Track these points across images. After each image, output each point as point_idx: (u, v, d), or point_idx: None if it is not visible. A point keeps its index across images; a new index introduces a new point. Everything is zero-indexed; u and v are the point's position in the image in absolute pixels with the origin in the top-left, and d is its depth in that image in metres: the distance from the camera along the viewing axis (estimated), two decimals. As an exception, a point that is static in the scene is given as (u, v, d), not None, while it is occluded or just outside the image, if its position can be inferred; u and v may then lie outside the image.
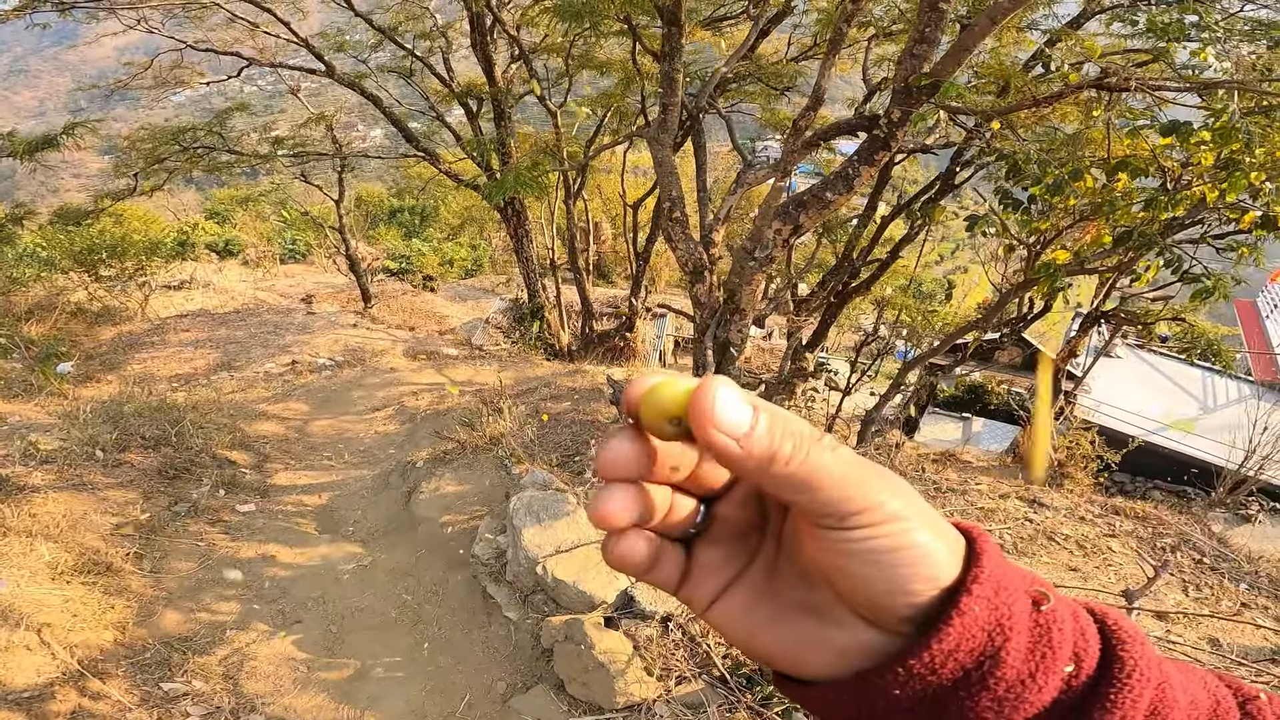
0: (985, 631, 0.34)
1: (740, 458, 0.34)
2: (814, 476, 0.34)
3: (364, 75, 10.05)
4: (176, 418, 5.66)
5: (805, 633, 0.39)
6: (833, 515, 0.34)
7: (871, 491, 0.35)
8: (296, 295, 14.39)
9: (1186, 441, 10.69)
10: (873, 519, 0.34)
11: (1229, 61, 2.51)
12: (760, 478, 0.35)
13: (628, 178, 13.56)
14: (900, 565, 0.35)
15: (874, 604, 0.36)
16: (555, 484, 4.39)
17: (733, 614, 0.41)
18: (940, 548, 0.36)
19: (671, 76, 5.76)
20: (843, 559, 0.35)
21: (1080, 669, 0.36)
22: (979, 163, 6.41)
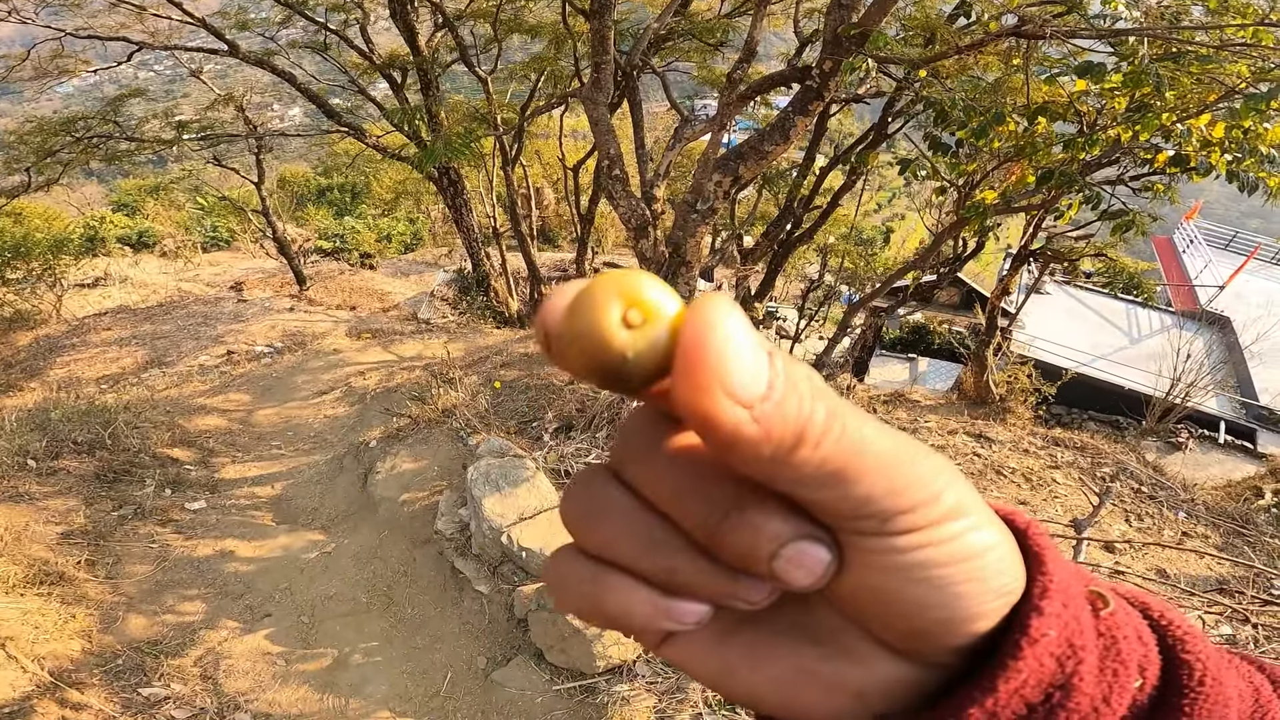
0: (1055, 659, 0.26)
1: (754, 440, 0.22)
2: (854, 462, 0.23)
3: (274, 53, 9.42)
4: (108, 420, 5.43)
5: (802, 667, 0.28)
6: (874, 516, 0.24)
7: (926, 479, 0.24)
8: (224, 284, 13.75)
9: (1115, 372, 11.34)
10: (927, 518, 0.24)
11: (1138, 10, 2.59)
12: (772, 469, 0.23)
13: (566, 142, 13.26)
14: (964, 581, 0.25)
15: (921, 633, 0.26)
16: (513, 450, 4.31)
17: (699, 648, 0.29)
18: (1009, 553, 0.27)
19: (602, 34, 5.60)
20: (881, 576, 0.25)
21: (1145, 680, 0.29)
22: (909, 112, 6.51)
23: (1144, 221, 3.34)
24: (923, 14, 6.08)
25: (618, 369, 0.23)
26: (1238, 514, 5.19)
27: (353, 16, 9.70)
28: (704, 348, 0.22)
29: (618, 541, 0.26)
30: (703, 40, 8.94)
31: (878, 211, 14.96)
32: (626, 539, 0.26)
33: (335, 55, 10.34)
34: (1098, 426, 10.20)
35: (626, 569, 0.27)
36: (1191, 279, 15.06)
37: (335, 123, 9.35)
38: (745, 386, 0.22)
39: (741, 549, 0.25)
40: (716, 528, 0.25)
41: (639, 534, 0.26)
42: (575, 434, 4.86)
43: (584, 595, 0.27)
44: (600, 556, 0.27)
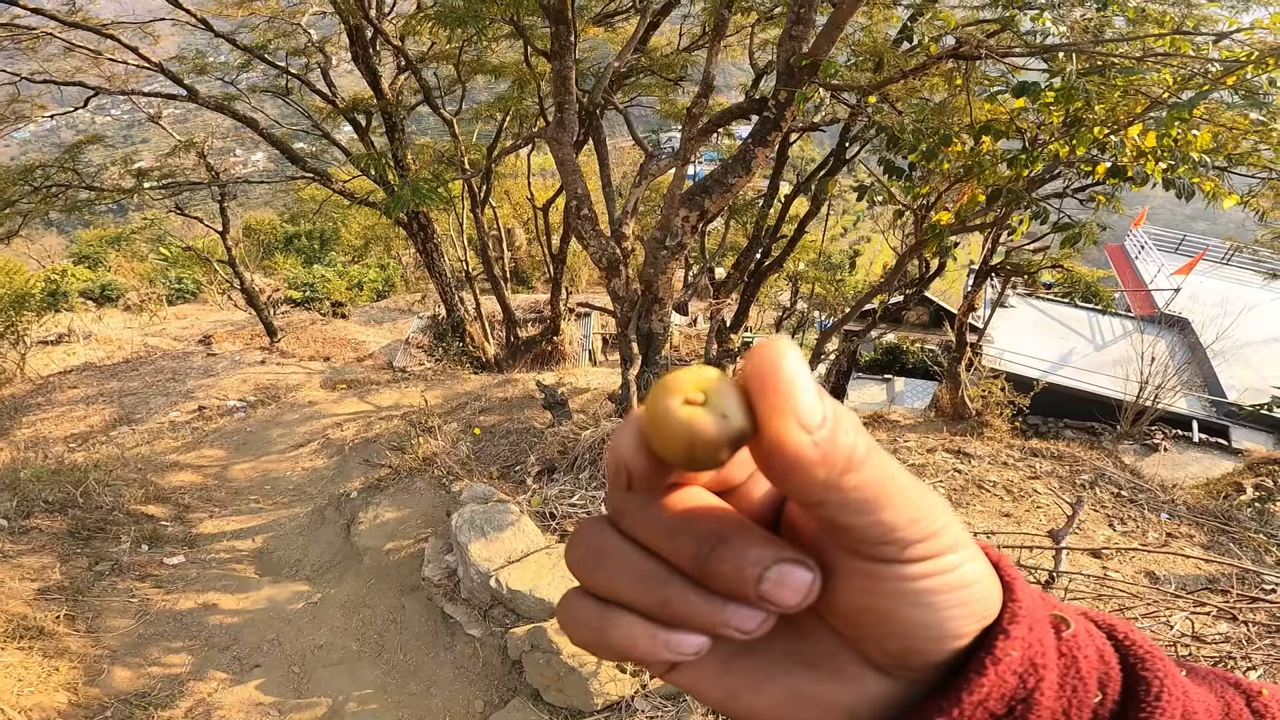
0: (1018, 675, 0.30)
1: (812, 463, 0.25)
2: (884, 490, 0.26)
3: (234, 97, 9.47)
4: (79, 479, 5.46)
5: (798, 690, 0.32)
6: (895, 543, 0.27)
7: (935, 514, 0.28)
8: (192, 338, 13.54)
9: (1084, 379, 11.58)
10: (935, 549, 0.28)
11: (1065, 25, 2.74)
12: (822, 493, 0.26)
13: (535, 180, 13.43)
14: (955, 606, 0.29)
15: (911, 651, 0.30)
16: (496, 495, 4.34)
17: (703, 676, 0.32)
18: (991, 583, 0.31)
19: (564, 75, 5.72)
20: (889, 600, 0.28)
21: (1106, 695, 0.32)
22: (865, 138, 6.71)
23: (1094, 231, 3.46)
24: (870, 39, 6.32)
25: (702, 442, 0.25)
26: (1220, 512, 5.24)
27: (314, 61, 9.76)
28: (777, 377, 0.25)
29: (616, 580, 0.30)
30: (663, 76, 9.17)
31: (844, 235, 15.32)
32: (623, 577, 0.30)
33: (298, 99, 10.37)
34: (1074, 434, 10.33)
35: (627, 605, 0.30)
36: (1146, 283, 15.55)
37: (300, 168, 9.31)
38: (809, 413, 0.25)
39: (729, 575, 0.28)
40: (706, 559, 0.28)
41: (634, 572, 0.30)
42: (558, 476, 4.88)
43: (592, 630, 0.31)
44: (604, 596, 0.31)
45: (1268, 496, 6.11)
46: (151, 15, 8.79)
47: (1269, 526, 5.05)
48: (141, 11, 9.06)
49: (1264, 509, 5.44)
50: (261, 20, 9.12)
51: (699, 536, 0.29)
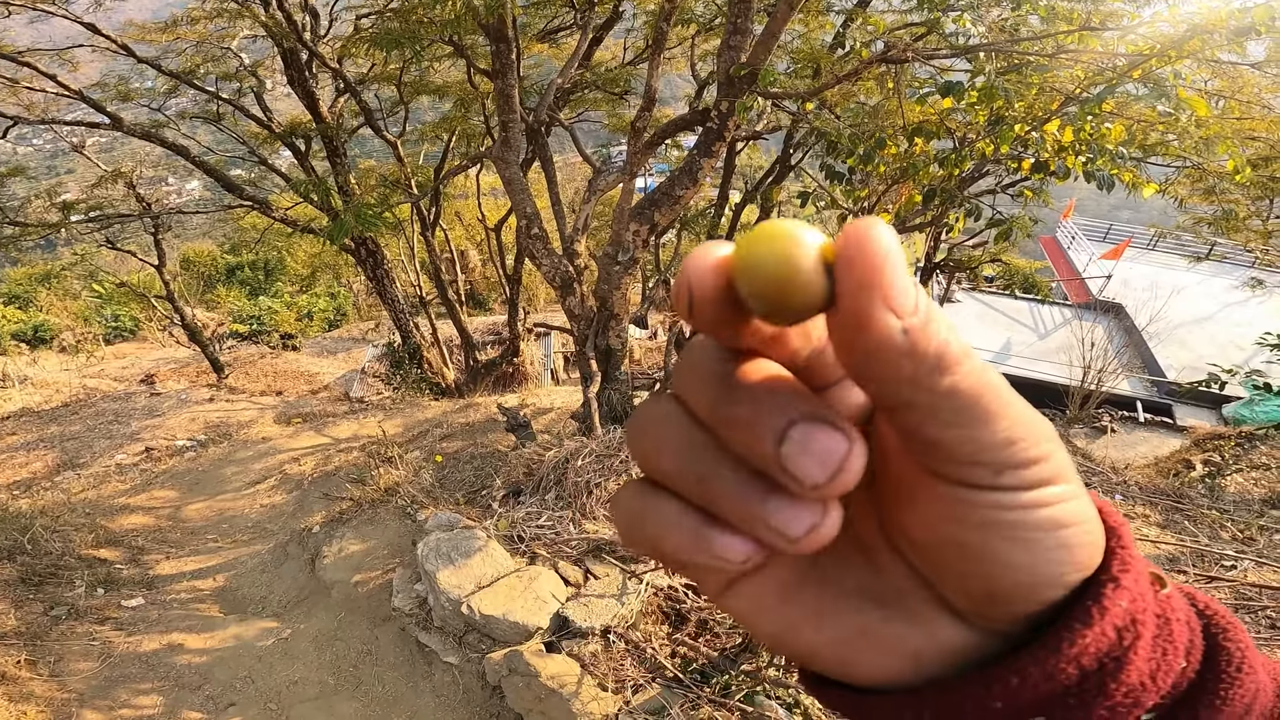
0: (1117, 630, 0.27)
1: (901, 351, 0.22)
2: (984, 398, 0.23)
3: (162, 124, 9.11)
4: (25, 525, 5.33)
5: (863, 628, 0.28)
6: (990, 465, 0.24)
7: (1043, 437, 0.24)
8: (134, 378, 12.98)
9: (1031, 367, 12.01)
10: (1041, 476, 0.24)
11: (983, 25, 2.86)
12: (913, 393, 0.23)
13: (486, 200, 13.33)
14: (1061, 548, 0.25)
15: (996, 595, 0.26)
16: (462, 522, 4.32)
17: (763, 601, 0.29)
18: (1096, 529, 0.27)
19: (507, 94, 5.71)
20: (985, 533, 0.25)
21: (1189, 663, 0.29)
22: (806, 143, 6.87)
23: (1026, 225, 3.60)
24: (808, 46, 6.49)
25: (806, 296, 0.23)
26: (1172, 490, 5.45)
27: (246, 85, 9.50)
28: (869, 249, 0.22)
29: (659, 450, 0.26)
30: (608, 90, 9.23)
31: (796, 241, 15.65)
32: (666, 446, 0.26)
33: (231, 124, 10.06)
34: (1026, 422, 10.65)
35: (670, 486, 0.26)
36: (1080, 272, 16.27)
37: (237, 196, 9.02)
38: (899, 296, 0.22)
39: (743, 427, 0.24)
40: (719, 400, 0.25)
41: (676, 440, 0.26)
42: (525, 498, 4.87)
43: (631, 515, 0.27)
44: (649, 474, 0.27)
45: (1217, 471, 6.40)
46: (70, 41, 8.44)
47: (1220, 502, 5.27)
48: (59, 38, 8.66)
49: (1214, 485, 5.67)
50: (189, 45, 8.86)
51: (725, 383, 0.25)
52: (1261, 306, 14.38)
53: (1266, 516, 4.85)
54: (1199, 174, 6.64)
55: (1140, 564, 0.28)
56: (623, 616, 3.42)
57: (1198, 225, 11.60)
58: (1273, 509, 5.12)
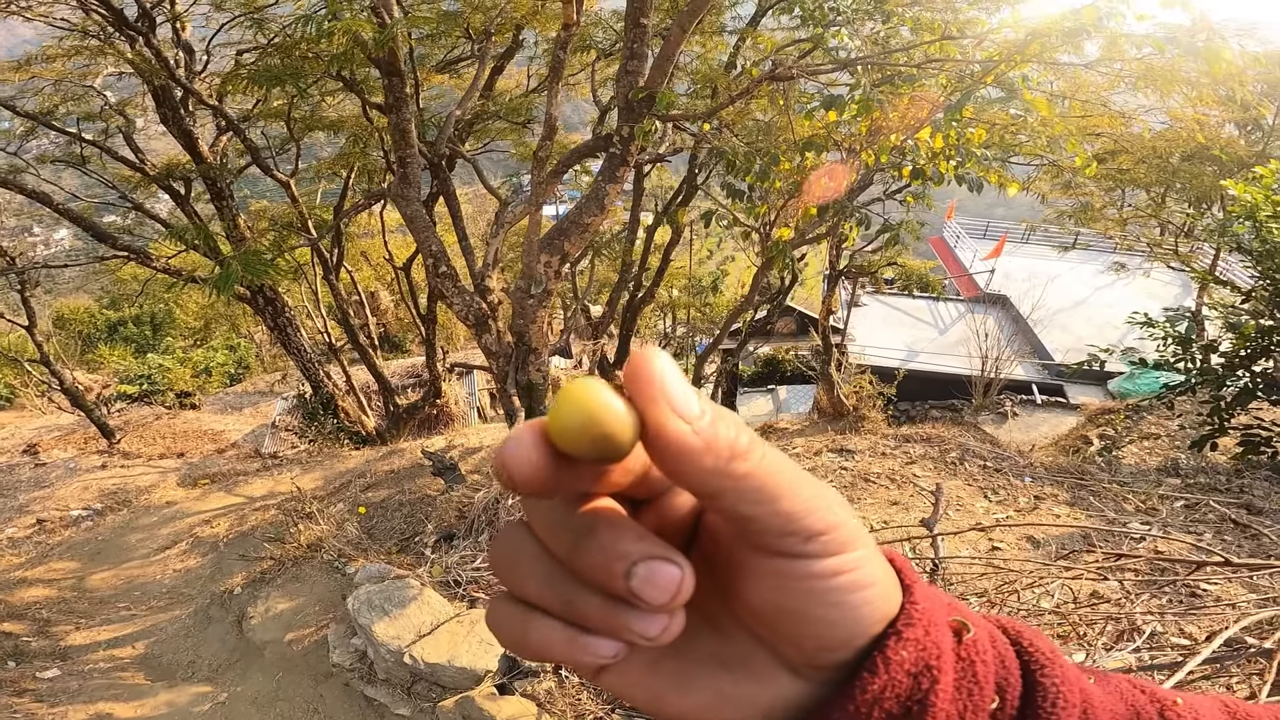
0: (911, 676, 0.30)
1: (699, 450, 0.26)
2: (778, 478, 0.28)
3: (20, 169, 8.39)
4: None
5: (720, 691, 0.32)
6: (798, 534, 0.28)
7: (834, 506, 0.29)
8: (15, 448, 11.82)
9: (936, 362, 12.71)
10: (838, 543, 0.29)
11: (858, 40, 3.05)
12: (718, 481, 0.27)
13: (393, 237, 12.95)
14: (864, 605, 0.30)
15: (821, 649, 0.31)
16: (393, 572, 4.23)
17: (631, 679, 0.33)
18: (892, 583, 0.32)
19: (403, 129, 5.58)
20: (801, 599, 0.29)
21: (1005, 700, 0.33)
22: (709, 164, 7.08)
23: (914, 228, 3.82)
24: (705, 67, 6.70)
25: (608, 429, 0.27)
26: (1074, 468, 5.79)
27: (113, 124, 8.86)
28: (647, 372, 0.27)
29: (526, 581, 0.31)
30: (511, 120, 9.20)
31: (710, 258, 16.02)
32: (531, 579, 0.30)
33: (99, 167, 9.34)
34: (939, 414, 11.23)
35: (540, 607, 0.30)
36: (967, 268, 17.48)
37: (111, 246, 8.35)
38: (684, 403, 0.26)
39: (597, 569, 0.28)
40: (574, 549, 0.29)
41: (540, 573, 0.30)
42: (458, 541, 4.75)
43: (513, 633, 0.31)
44: (521, 598, 0.31)
45: (1112, 444, 6.93)
46: None
47: (1119, 475, 5.65)
48: None
49: (1111, 458, 6.10)
50: (46, 84, 8.18)
51: (573, 530, 0.29)
52: (1127, 288, 15.87)
53: (1164, 485, 5.25)
54: (1056, 170, 7.32)
55: (929, 614, 0.32)
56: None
57: (1060, 218, 12.73)
58: (1169, 477, 5.57)
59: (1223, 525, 4.09)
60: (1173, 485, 5.22)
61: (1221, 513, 4.07)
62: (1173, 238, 10.85)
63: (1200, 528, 4.15)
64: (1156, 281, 15.57)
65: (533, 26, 7.56)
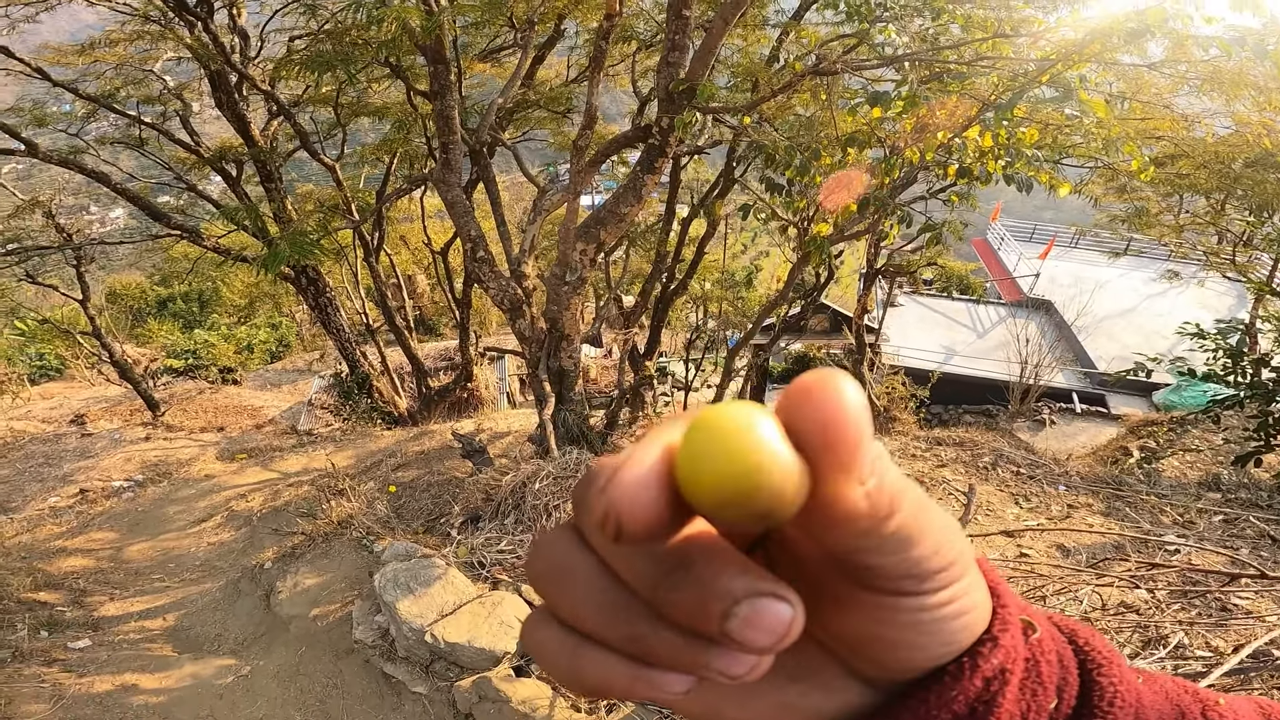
0: (985, 679, 0.30)
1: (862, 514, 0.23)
2: (918, 527, 0.25)
3: (81, 150, 8.66)
4: None
5: (784, 703, 0.31)
6: (918, 576, 0.26)
7: (955, 542, 0.28)
8: (63, 418, 12.32)
9: (972, 365, 12.46)
10: (953, 577, 0.28)
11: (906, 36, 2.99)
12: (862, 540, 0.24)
13: (432, 222, 13.14)
14: (962, 630, 0.29)
15: (908, 669, 0.30)
16: (420, 551, 4.29)
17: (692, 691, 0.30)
18: (987, 603, 0.31)
19: (447, 115, 5.65)
20: (904, 630, 0.28)
21: (1063, 699, 0.33)
22: (748, 157, 7.02)
23: (957, 228, 3.75)
24: (747, 60, 6.63)
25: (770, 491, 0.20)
26: (1111, 478, 5.65)
27: (172, 108, 9.11)
28: (845, 428, 0.21)
29: (580, 608, 0.26)
30: (551, 109, 9.24)
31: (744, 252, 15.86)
32: (588, 605, 0.26)
33: (156, 149, 9.63)
34: (973, 418, 11.03)
35: (593, 638, 0.26)
36: (1011, 272, 17.03)
37: (165, 225, 8.61)
38: (867, 466, 0.23)
39: (689, 609, 0.24)
40: (659, 586, 0.24)
41: (600, 601, 0.26)
42: (484, 524, 4.82)
43: (563, 666, 0.27)
44: (568, 622, 0.27)
45: (1152, 456, 6.71)
46: None
47: (1158, 487, 5.49)
48: None
49: (1150, 470, 5.92)
50: (108, 68, 8.47)
51: (658, 560, 0.24)
52: (1180, 297, 15.31)
53: (1204, 499, 5.09)
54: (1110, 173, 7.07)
55: (1015, 614, 0.32)
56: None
57: (1114, 222, 12.31)
58: (1209, 491, 5.39)
59: (1260, 541, 3.97)
60: (1212, 500, 5.05)
61: (1260, 529, 3.94)
62: (1230, 246, 10.42)
63: (1237, 542, 4.02)
64: (1211, 291, 14.97)
65: (575, 16, 7.58)
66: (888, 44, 3.05)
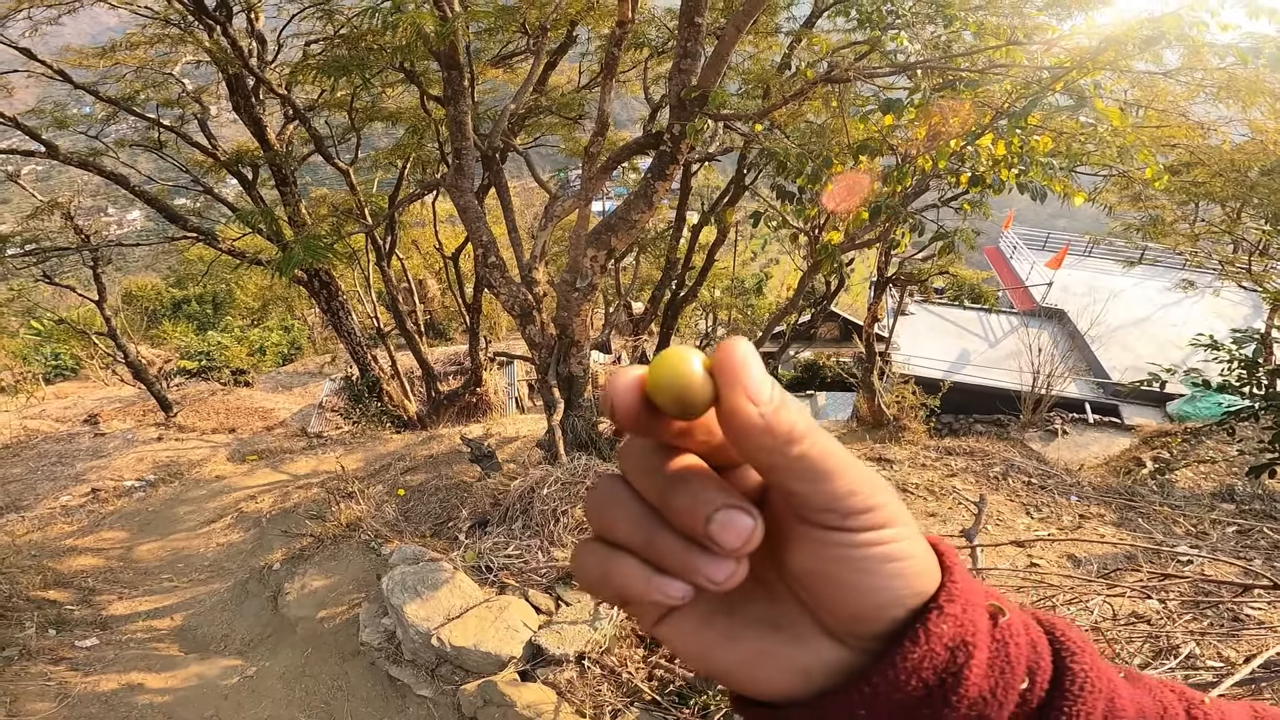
0: (948, 649, 0.33)
1: (760, 430, 0.30)
2: (827, 461, 0.32)
3: (100, 152, 8.79)
4: None
5: (765, 650, 0.36)
6: (838, 511, 0.32)
7: (877, 490, 0.33)
8: (76, 418, 12.45)
9: (984, 375, 12.36)
10: (876, 520, 0.33)
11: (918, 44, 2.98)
12: (773, 458, 0.31)
13: (443, 227, 13.22)
14: (897, 576, 0.33)
15: (857, 617, 0.34)
16: (428, 555, 4.29)
17: (685, 630, 0.37)
18: (929, 562, 0.35)
19: (460, 121, 5.69)
20: (838, 565, 0.33)
21: (1034, 683, 0.35)
22: (759, 164, 7.02)
23: (969, 237, 3.73)
24: (758, 67, 6.64)
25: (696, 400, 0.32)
26: (1123, 489, 5.59)
27: (190, 111, 9.24)
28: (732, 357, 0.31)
29: (616, 522, 0.35)
30: (562, 115, 9.29)
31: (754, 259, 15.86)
32: (621, 519, 0.35)
33: (174, 152, 9.77)
34: (984, 428, 10.92)
35: (624, 547, 0.35)
36: (1023, 280, 16.89)
37: (181, 227, 8.72)
38: (756, 389, 0.31)
39: (683, 511, 0.33)
40: (665, 493, 0.33)
41: (629, 515, 0.35)
42: (492, 528, 4.81)
43: (596, 570, 0.35)
44: (606, 539, 0.35)
45: (1166, 467, 6.63)
46: (4, 66, 8.14)
47: (1171, 498, 5.43)
48: None
49: (1164, 481, 5.84)
50: (128, 70, 8.60)
51: (666, 477, 0.34)
52: (1195, 306, 15.14)
53: (1217, 510, 5.03)
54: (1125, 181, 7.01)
55: (968, 595, 0.35)
56: (596, 642, 3.38)
57: (1128, 231, 12.20)
58: (1223, 502, 5.33)
59: (1274, 552, 3.91)
60: (1226, 510, 4.99)
61: (1275, 540, 3.88)
62: (1246, 255, 10.30)
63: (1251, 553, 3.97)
64: (1226, 301, 14.80)
65: (587, 23, 7.63)
66: (900, 51, 3.05)
